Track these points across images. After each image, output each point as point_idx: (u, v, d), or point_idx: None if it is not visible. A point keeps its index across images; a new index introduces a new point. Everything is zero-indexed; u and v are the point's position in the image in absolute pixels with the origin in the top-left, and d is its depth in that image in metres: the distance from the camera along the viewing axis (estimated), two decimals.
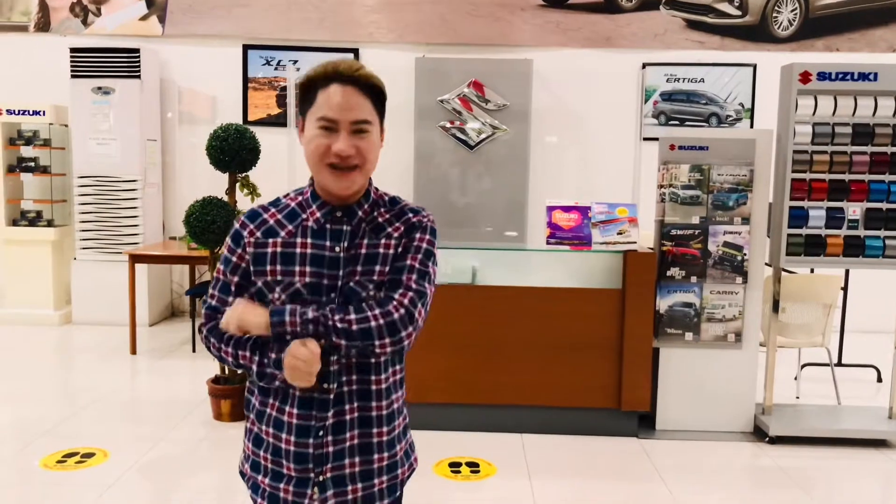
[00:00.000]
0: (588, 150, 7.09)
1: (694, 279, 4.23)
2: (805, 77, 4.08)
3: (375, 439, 1.64)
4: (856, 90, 4.08)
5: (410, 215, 1.68)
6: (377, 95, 1.61)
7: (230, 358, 1.63)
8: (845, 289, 5.32)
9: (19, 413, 4.47)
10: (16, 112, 6.63)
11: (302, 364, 1.52)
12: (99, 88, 6.59)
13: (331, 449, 1.61)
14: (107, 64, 6.57)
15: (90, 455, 3.83)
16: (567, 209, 4.27)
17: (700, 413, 4.31)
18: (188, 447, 4.00)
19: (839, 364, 5.36)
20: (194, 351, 5.92)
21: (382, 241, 1.63)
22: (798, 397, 4.98)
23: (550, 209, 4.27)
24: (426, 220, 1.69)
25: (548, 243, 4.23)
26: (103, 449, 3.90)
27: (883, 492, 3.69)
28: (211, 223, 4.19)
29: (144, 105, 6.67)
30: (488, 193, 6.61)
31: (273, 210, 1.67)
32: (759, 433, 4.27)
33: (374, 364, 1.63)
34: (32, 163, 6.74)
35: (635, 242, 4.20)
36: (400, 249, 1.64)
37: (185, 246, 6.02)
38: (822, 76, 4.08)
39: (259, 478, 1.67)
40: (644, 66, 6.96)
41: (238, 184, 4.39)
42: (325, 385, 1.59)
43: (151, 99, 6.83)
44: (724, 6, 6.94)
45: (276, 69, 7.04)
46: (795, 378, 5.17)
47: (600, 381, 4.20)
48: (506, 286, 4.24)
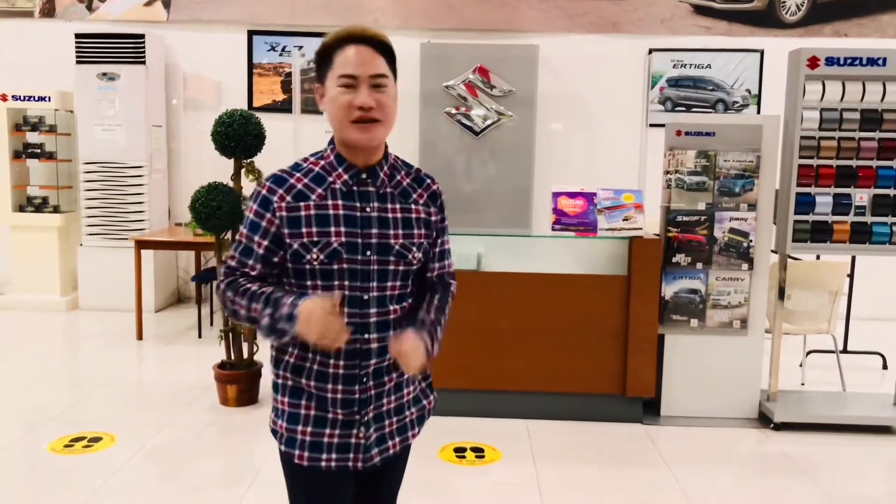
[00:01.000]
0: (594, 136, 7.06)
1: (699, 266, 4.22)
2: (813, 62, 4.06)
3: (406, 376, 1.82)
4: (864, 75, 4.05)
5: (429, 181, 1.85)
6: (390, 55, 1.72)
7: (242, 310, 1.69)
8: (851, 275, 5.31)
9: (27, 398, 4.50)
10: (21, 98, 6.64)
11: (321, 326, 1.56)
12: (104, 74, 6.58)
13: (372, 392, 1.75)
14: (112, 50, 6.56)
15: (97, 439, 3.86)
16: (573, 195, 4.25)
17: (705, 399, 4.32)
18: (194, 432, 4.03)
19: (845, 351, 5.35)
20: (200, 337, 5.94)
21: (413, 207, 1.78)
22: (803, 384, 4.98)
23: (556, 195, 4.26)
24: (441, 191, 1.88)
25: (553, 229, 4.22)
26: (110, 433, 3.93)
27: (887, 478, 3.69)
28: (216, 209, 4.19)
29: (149, 91, 6.66)
30: (493, 180, 6.60)
31: (298, 174, 1.73)
32: (764, 419, 4.27)
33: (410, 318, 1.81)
34: (38, 149, 6.75)
35: (641, 229, 4.19)
36: (433, 219, 1.82)
37: (191, 232, 6.03)
38: (831, 61, 4.05)
39: (299, 429, 1.75)
40: (650, 52, 6.92)
41: (243, 169, 4.38)
42: (366, 336, 1.71)
43: (156, 85, 6.82)
44: None
45: (281, 55, 7.02)
46: (800, 365, 5.17)
47: (605, 368, 4.21)
48: (511, 272, 4.24)
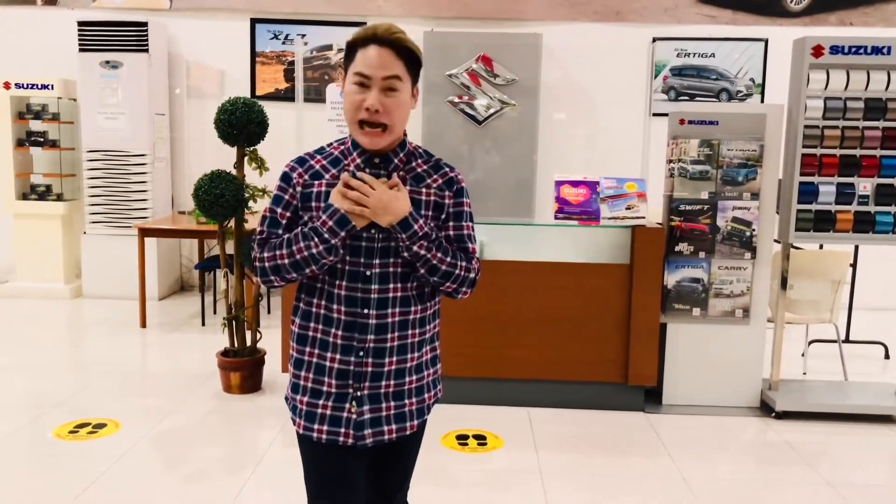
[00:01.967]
0: (597, 125, 7.05)
1: (702, 255, 4.22)
2: (817, 51, 4.04)
3: (409, 364, 1.87)
4: (869, 64, 4.03)
5: (447, 169, 1.91)
6: (410, 58, 1.79)
7: (286, 259, 1.78)
8: (854, 265, 5.30)
9: (32, 385, 4.52)
10: (24, 86, 6.63)
11: (353, 194, 1.73)
12: (107, 62, 6.58)
13: (370, 369, 1.82)
14: (115, 38, 6.55)
15: (102, 426, 3.88)
16: (575, 184, 4.25)
17: (707, 388, 4.32)
18: (198, 419, 4.05)
19: (847, 340, 5.35)
20: (204, 325, 5.96)
21: (423, 190, 1.85)
22: (805, 373, 4.98)
23: (559, 184, 4.25)
24: (462, 178, 1.93)
25: (556, 218, 4.22)
26: (115, 420, 3.95)
27: (889, 467, 3.70)
28: (219, 196, 4.20)
29: (152, 79, 6.66)
30: (496, 168, 6.59)
31: (319, 157, 1.88)
32: (766, 408, 4.28)
33: (416, 296, 1.85)
34: (41, 137, 6.75)
35: (644, 217, 4.19)
36: (447, 202, 1.87)
37: (194, 220, 6.04)
38: (835, 50, 4.04)
39: (298, 397, 1.88)
40: (654, 41, 6.90)
41: (246, 157, 4.38)
42: (366, 311, 1.79)
43: (159, 73, 6.82)
44: None
45: (284, 43, 7.01)
46: (803, 354, 5.17)
47: (607, 356, 4.22)
48: (514, 261, 4.24)
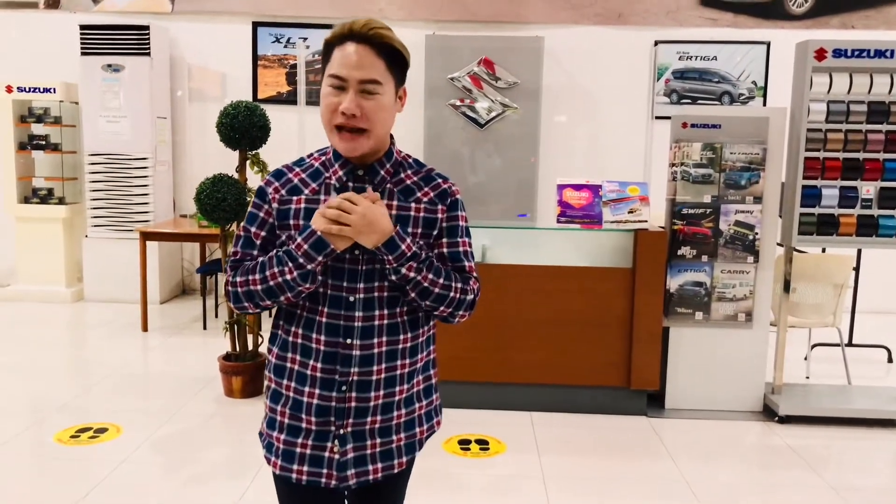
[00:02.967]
0: (599, 129, 7.04)
1: (705, 258, 4.21)
2: (820, 54, 4.03)
3: (397, 397, 1.68)
4: (872, 67, 4.03)
5: (440, 181, 1.73)
6: (393, 56, 1.61)
7: (259, 286, 1.61)
8: (857, 268, 5.29)
9: (33, 389, 4.51)
10: (26, 89, 6.63)
11: (330, 212, 1.54)
12: (109, 66, 6.58)
13: (353, 405, 1.63)
14: (116, 41, 6.56)
15: (103, 430, 3.87)
16: (578, 188, 4.25)
17: (710, 392, 4.31)
18: (199, 423, 4.04)
19: (850, 344, 5.34)
20: (205, 328, 5.95)
21: (413, 205, 1.67)
22: (808, 377, 4.97)
23: (561, 187, 4.25)
24: (456, 190, 1.75)
25: (558, 222, 4.22)
26: (116, 424, 3.94)
27: (893, 471, 3.69)
28: (221, 200, 4.20)
29: (154, 82, 6.66)
30: (498, 172, 6.58)
31: (297, 169, 1.69)
32: (769, 412, 4.27)
33: (406, 323, 1.66)
34: (43, 140, 6.75)
35: (646, 221, 4.18)
36: (440, 216, 1.69)
37: (196, 223, 6.03)
38: (838, 53, 4.03)
39: (275, 434, 1.69)
40: (656, 44, 6.89)
41: (248, 161, 4.38)
42: (349, 340, 1.61)
43: (161, 76, 6.82)
44: None
45: (286, 47, 7.01)
46: (806, 358, 5.16)
47: (610, 360, 4.21)
48: (516, 265, 4.23)
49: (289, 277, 1.57)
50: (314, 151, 1.74)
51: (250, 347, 4.49)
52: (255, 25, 6.99)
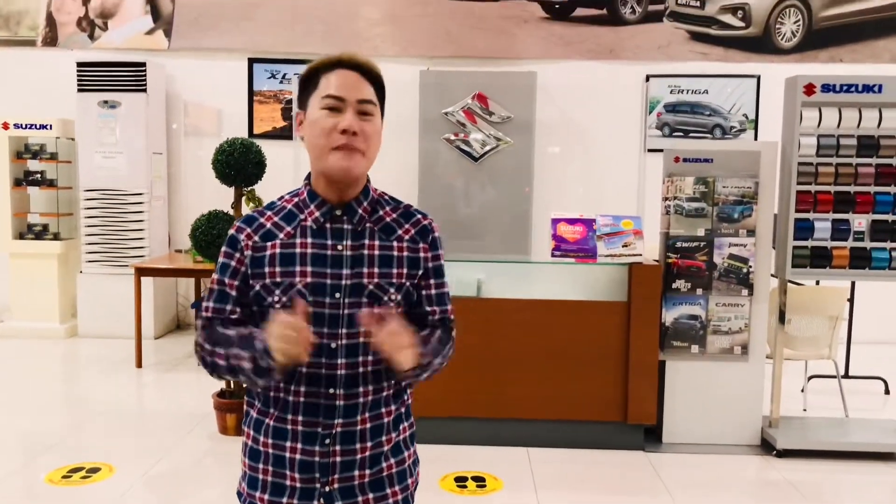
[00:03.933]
0: (592, 162, 7.09)
1: (699, 291, 4.22)
2: (809, 89, 4.09)
3: (385, 447, 1.61)
4: (860, 102, 4.08)
5: (419, 216, 1.68)
6: (378, 85, 1.62)
7: (221, 361, 1.54)
8: (851, 300, 5.30)
9: (25, 427, 4.47)
10: (23, 126, 6.66)
11: (290, 332, 1.43)
12: (105, 102, 6.62)
13: (338, 459, 1.56)
14: (113, 78, 6.61)
15: (96, 470, 3.82)
16: (572, 221, 4.27)
17: (707, 426, 4.29)
18: (193, 461, 4.00)
19: (846, 376, 5.33)
20: (199, 365, 5.91)
21: (395, 244, 1.62)
22: (805, 410, 4.95)
23: (555, 221, 4.27)
24: (436, 227, 1.70)
25: (553, 256, 4.23)
26: (108, 463, 3.90)
27: None
28: (217, 237, 4.20)
29: (150, 118, 6.70)
30: (493, 205, 6.61)
31: (269, 213, 1.63)
32: (767, 446, 4.25)
33: (387, 370, 1.57)
34: (39, 176, 6.77)
35: (640, 255, 4.20)
36: (423, 255, 1.64)
37: (191, 259, 6.03)
38: (827, 88, 4.08)
39: (257, 495, 1.60)
40: (648, 78, 6.98)
41: (244, 197, 4.40)
42: (332, 390, 1.55)
43: (157, 112, 6.87)
44: (728, 18, 6.95)
45: (282, 82, 7.08)
46: (802, 390, 5.15)
47: (606, 394, 4.19)
48: (511, 299, 4.23)
49: (247, 367, 1.49)
50: (285, 194, 1.68)
51: (244, 384, 4.46)
52: (251, 62, 7.07)
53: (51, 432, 4.36)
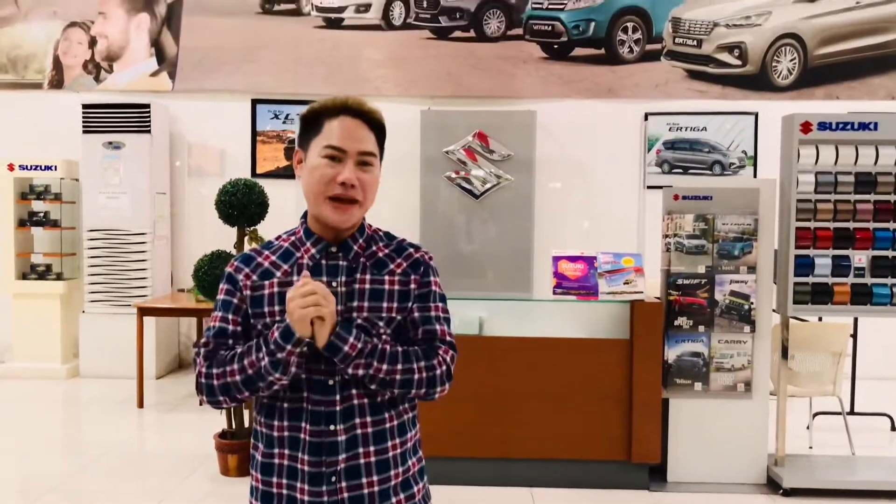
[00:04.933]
0: (593, 199, 7.13)
1: (701, 328, 4.21)
2: (806, 127, 4.13)
3: (393, 482, 1.60)
4: (857, 139, 4.12)
5: (411, 250, 1.70)
6: (380, 133, 1.66)
7: (237, 376, 1.54)
8: (855, 336, 5.28)
9: (26, 469, 4.44)
10: (28, 167, 6.73)
11: (310, 298, 1.48)
12: (110, 143, 6.69)
13: (346, 495, 1.56)
14: (118, 119, 6.69)
15: None
16: (573, 259, 4.28)
17: (712, 464, 4.25)
18: (195, 503, 3.96)
19: (852, 412, 5.29)
20: (201, 404, 5.87)
21: (387, 278, 1.63)
22: (811, 447, 4.91)
23: (556, 259, 4.28)
24: (429, 258, 1.71)
25: (554, 293, 4.24)
26: None
27: None
28: (219, 277, 4.21)
29: (154, 159, 6.77)
30: (494, 242, 6.64)
31: (266, 252, 1.66)
32: (773, 485, 4.20)
33: (384, 403, 1.60)
34: (43, 217, 6.81)
35: (642, 292, 4.20)
36: (413, 287, 1.65)
37: (194, 298, 6.04)
38: (823, 126, 4.13)
39: None
40: (647, 116, 7.05)
41: (247, 237, 4.43)
42: (332, 427, 1.56)
43: (161, 153, 6.94)
44: (725, 56, 7.05)
45: (285, 122, 7.16)
46: (808, 427, 5.11)
47: (610, 433, 4.16)
48: (513, 337, 4.23)
49: (264, 364, 1.52)
50: (282, 233, 1.72)
51: (246, 424, 4.44)
52: (254, 102, 7.16)
53: (52, 474, 4.32)
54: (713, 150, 7.04)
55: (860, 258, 4.17)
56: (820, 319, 5.15)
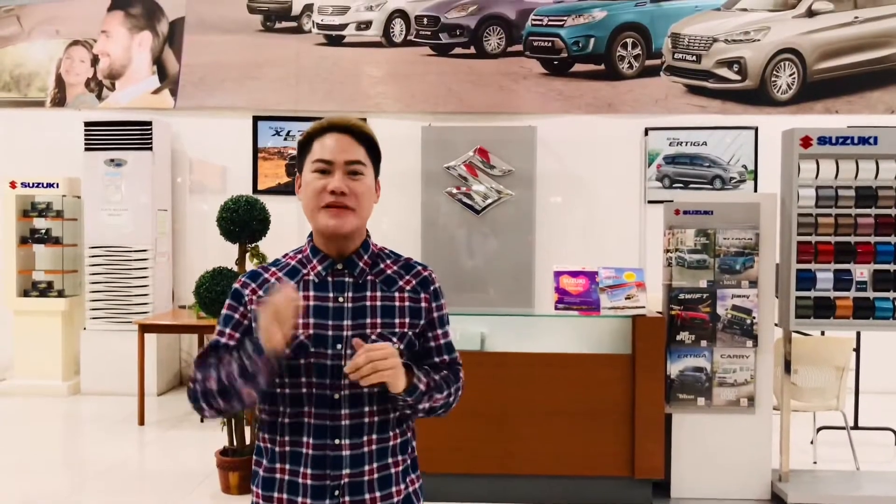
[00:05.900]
0: (593, 214, 7.14)
1: (704, 343, 4.20)
2: (806, 142, 4.14)
3: (395, 499, 1.63)
4: (857, 154, 4.13)
5: (419, 268, 1.74)
6: (371, 146, 1.68)
7: (213, 384, 1.55)
8: (858, 350, 5.27)
9: (27, 487, 4.42)
10: (30, 185, 6.75)
11: (273, 311, 1.47)
12: (112, 160, 6.71)
13: None
14: (120, 136, 6.71)
15: None
16: (575, 274, 4.28)
17: (716, 480, 4.23)
18: None
19: (855, 427, 5.27)
20: (202, 421, 5.87)
21: (397, 294, 1.67)
22: (815, 462, 4.88)
23: (558, 274, 4.28)
24: (435, 277, 1.75)
25: (556, 308, 4.23)
26: None
27: None
28: (221, 294, 4.22)
29: (156, 176, 6.79)
30: (495, 257, 6.65)
31: (274, 269, 1.70)
32: (777, 500, 4.18)
33: (392, 420, 1.64)
34: (45, 233, 6.83)
35: (644, 307, 4.20)
36: (422, 304, 1.69)
37: (195, 315, 6.03)
38: (823, 141, 4.14)
39: None
40: (647, 132, 7.07)
41: (248, 253, 4.43)
42: (337, 441, 1.58)
43: (163, 170, 6.95)
44: (724, 71, 7.07)
45: (286, 139, 7.18)
46: (812, 442, 5.08)
47: (613, 449, 4.14)
48: (515, 353, 4.22)
49: (234, 372, 1.52)
50: (290, 251, 1.75)
51: (248, 442, 4.43)
52: (255, 119, 7.18)
53: (53, 492, 4.31)
54: (713, 165, 7.05)
55: (862, 272, 4.17)
56: (822, 334, 5.13)
